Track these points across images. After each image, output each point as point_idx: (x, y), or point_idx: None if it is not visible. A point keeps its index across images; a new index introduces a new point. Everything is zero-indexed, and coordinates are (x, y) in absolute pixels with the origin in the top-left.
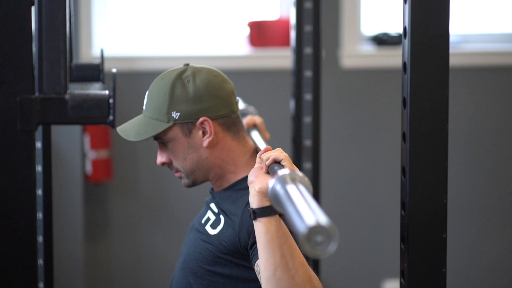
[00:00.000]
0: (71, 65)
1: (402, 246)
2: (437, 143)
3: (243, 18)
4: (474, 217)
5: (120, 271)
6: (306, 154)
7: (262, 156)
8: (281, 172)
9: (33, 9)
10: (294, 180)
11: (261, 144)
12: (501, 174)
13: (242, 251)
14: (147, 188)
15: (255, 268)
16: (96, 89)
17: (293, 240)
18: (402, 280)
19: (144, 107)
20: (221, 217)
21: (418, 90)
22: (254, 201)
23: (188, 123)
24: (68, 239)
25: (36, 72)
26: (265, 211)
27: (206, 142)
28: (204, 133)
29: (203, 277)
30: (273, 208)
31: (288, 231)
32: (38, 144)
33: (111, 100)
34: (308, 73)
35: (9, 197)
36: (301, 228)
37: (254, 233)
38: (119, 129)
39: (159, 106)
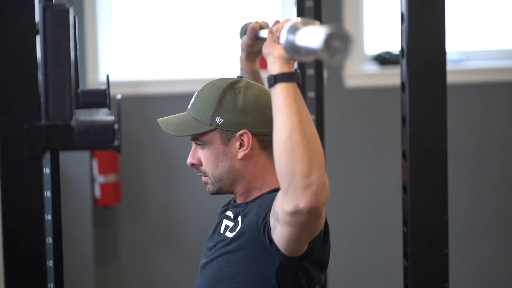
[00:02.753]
0: (77, 91)
1: (405, 262)
2: (437, 161)
3: None
4: (475, 231)
5: None
6: None
7: (272, 29)
8: (291, 22)
9: (38, 38)
10: (306, 23)
11: None
12: (505, 189)
13: (258, 234)
14: (156, 211)
15: (270, 216)
16: (103, 115)
17: (308, 111)
18: None
19: (189, 106)
20: (239, 219)
21: (417, 109)
22: (274, 68)
23: (228, 131)
24: (79, 263)
25: (42, 100)
26: (286, 77)
27: (241, 154)
28: (241, 145)
29: (224, 279)
30: (293, 74)
31: (304, 102)
32: (47, 170)
33: (116, 126)
34: (311, 94)
35: (18, 223)
36: (317, 43)
37: (269, 205)
38: (161, 120)
39: (206, 108)
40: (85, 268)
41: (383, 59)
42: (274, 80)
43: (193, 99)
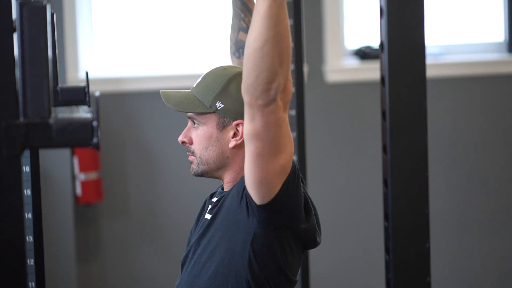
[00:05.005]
0: (56, 89)
1: (387, 257)
2: (417, 155)
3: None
4: (456, 225)
5: None
6: None
7: None
8: None
9: (15, 35)
10: None
11: None
12: (486, 183)
13: (238, 204)
14: (138, 208)
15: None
16: (83, 112)
17: (288, 21)
18: None
19: (194, 85)
20: (220, 202)
21: (396, 103)
22: None
23: (226, 118)
24: (61, 261)
25: (20, 98)
26: None
27: (232, 143)
28: (235, 135)
29: (206, 260)
30: None
31: (287, 11)
32: (27, 168)
33: (94, 123)
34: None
35: None
36: None
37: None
38: (163, 92)
39: (209, 90)
40: (67, 266)
41: (364, 54)
42: None
43: (199, 79)
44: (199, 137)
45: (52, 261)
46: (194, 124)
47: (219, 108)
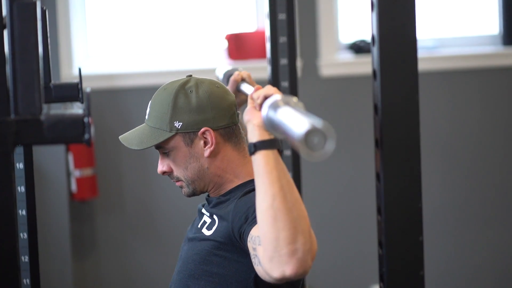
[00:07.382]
0: (49, 85)
1: (380, 250)
2: (409, 149)
3: (221, 31)
4: (454, 220)
5: (109, 287)
6: (287, 164)
7: (253, 95)
8: (273, 97)
9: (5, 32)
10: (287, 103)
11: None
12: (478, 176)
13: (235, 240)
14: (133, 204)
15: (248, 240)
16: (78, 108)
17: (290, 177)
18: (381, 284)
19: (146, 116)
20: (215, 217)
21: (388, 97)
22: (254, 136)
23: (190, 133)
24: (56, 258)
25: (11, 94)
26: (265, 144)
27: (207, 152)
28: (205, 143)
29: (200, 277)
30: (273, 142)
31: (285, 167)
32: (20, 165)
33: (86, 119)
34: (284, 84)
35: None
36: (296, 134)
37: (245, 214)
38: (122, 137)
39: (162, 115)
40: (62, 263)
41: (358, 48)
42: (254, 148)
43: (148, 109)
44: (175, 162)
45: (47, 258)
46: (165, 153)
47: (179, 128)
